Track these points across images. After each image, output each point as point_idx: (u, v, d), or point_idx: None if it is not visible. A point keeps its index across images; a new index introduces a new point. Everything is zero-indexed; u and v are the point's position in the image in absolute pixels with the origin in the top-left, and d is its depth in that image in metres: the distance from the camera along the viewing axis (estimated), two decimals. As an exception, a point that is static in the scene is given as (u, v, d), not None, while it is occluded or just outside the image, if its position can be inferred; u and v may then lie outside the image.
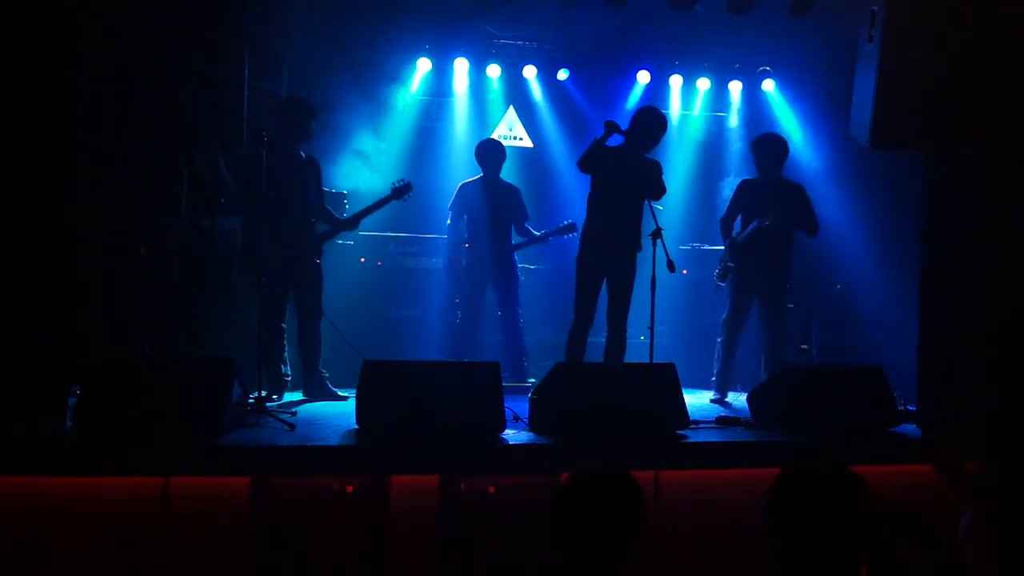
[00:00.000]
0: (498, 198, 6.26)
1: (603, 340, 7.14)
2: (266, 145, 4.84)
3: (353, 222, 5.63)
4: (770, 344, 5.80)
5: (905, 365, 5.04)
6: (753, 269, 5.73)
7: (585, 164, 5.31)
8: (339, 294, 5.91)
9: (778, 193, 5.74)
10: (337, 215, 5.81)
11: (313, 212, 5.57)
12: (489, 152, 6.28)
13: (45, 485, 3.64)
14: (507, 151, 6.43)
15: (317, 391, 5.46)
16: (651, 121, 5.34)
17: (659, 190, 5.34)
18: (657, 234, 4.98)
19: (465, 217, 6.27)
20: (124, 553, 3.64)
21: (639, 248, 5.39)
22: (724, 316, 5.90)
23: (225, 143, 5.72)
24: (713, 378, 5.97)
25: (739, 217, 5.90)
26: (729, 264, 5.79)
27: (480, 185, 6.26)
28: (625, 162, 5.28)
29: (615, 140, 5.23)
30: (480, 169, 6.29)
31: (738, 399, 5.92)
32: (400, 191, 5.65)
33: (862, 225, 6.72)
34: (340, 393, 5.46)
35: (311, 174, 5.55)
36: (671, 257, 4.94)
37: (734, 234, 5.85)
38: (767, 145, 5.85)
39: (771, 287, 5.75)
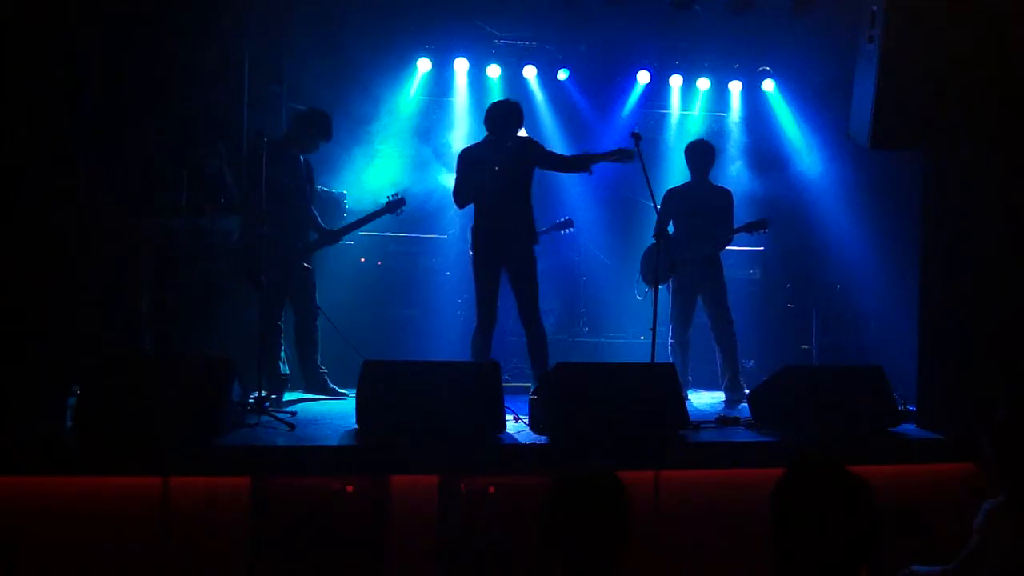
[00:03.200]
0: None
1: (603, 340, 7.21)
2: (266, 146, 4.83)
3: (338, 236, 5.63)
4: (721, 339, 5.89)
5: (905, 365, 5.04)
6: (692, 271, 5.86)
7: (461, 198, 5.28)
8: (339, 294, 5.91)
9: (703, 198, 5.95)
10: (336, 215, 5.82)
11: (309, 216, 5.60)
12: None
13: (45, 485, 3.64)
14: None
15: (317, 386, 5.48)
16: (496, 111, 5.28)
17: (553, 161, 5.35)
18: (660, 235, 4.98)
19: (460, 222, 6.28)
20: (124, 553, 3.64)
21: (535, 240, 5.32)
22: (673, 319, 5.97)
23: (226, 144, 5.73)
24: None
25: (671, 223, 6.05)
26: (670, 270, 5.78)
27: None
28: (492, 154, 5.22)
29: (479, 138, 5.33)
30: None
31: (699, 397, 5.93)
32: (394, 205, 5.68)
33: (862, 225, 6.73)
34: (340, 390, 5.49)
35: (308, 178, 5.57)
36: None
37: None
38: (695, 152, 6.02)
39: (710, 285, 5.88)
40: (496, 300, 5.29)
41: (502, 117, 5.23)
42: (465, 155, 5.29)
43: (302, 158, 5.53)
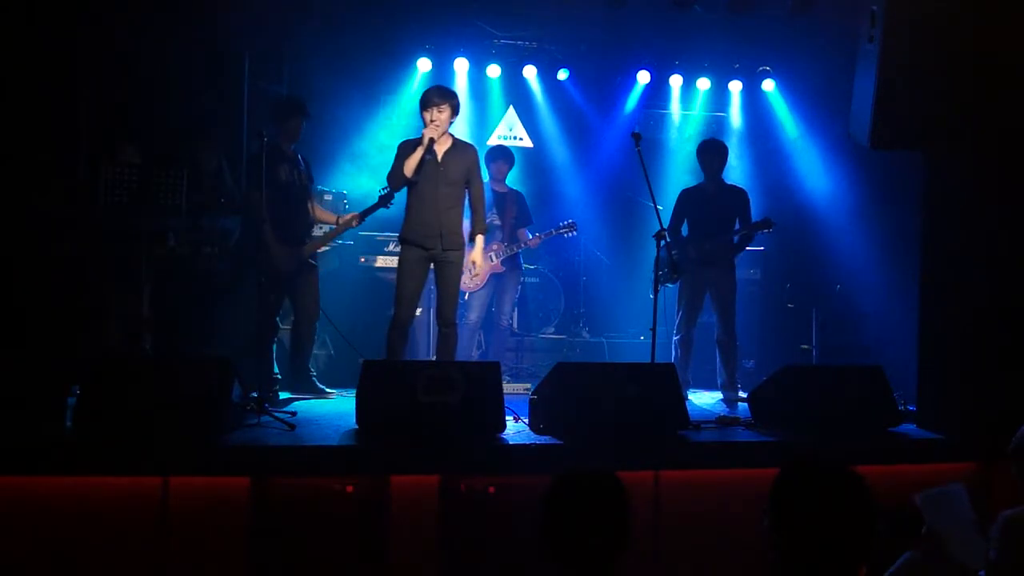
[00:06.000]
0: (505, 204, 6.30)
1: (603, 340, 7.22)
2: (266, 146, 4.87)
3: (361, 217, 5.65)
4: (723, 339, 5.90)
5: (905, 365, 5.04)
6: (704, 267, 5.86)
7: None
8: (339, 294, 5.92)
9: (716, 198, 5.97)
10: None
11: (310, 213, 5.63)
12: (499, 158, 6.33)
13: (45, 485, 3.64)
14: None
15: (305, 387, 5.55)
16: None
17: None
18: (660, 235, 4.98)
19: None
20: (124, 553, 3.64)
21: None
22: (679, 316, 5.96)
23: (227, 143, 5.75)
24: None
25: (684, 223, 6.08)
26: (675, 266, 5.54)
27: (487, 191, 6.29)
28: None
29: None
30: (488, 173, 6.33)
31: (699, 397, 5.94)
32: (385, 198, 5.53)
33: (862, 225, 6.73)
34: (327, 390, 5.58)
35: (306, 173, 5.61)
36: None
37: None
38: (706, 152, 6.03)
39: (720, 285, 5.89)
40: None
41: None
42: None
43: (300, 157, 5.56)
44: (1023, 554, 2.72)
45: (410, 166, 4.87)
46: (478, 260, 5.16)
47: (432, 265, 5.01)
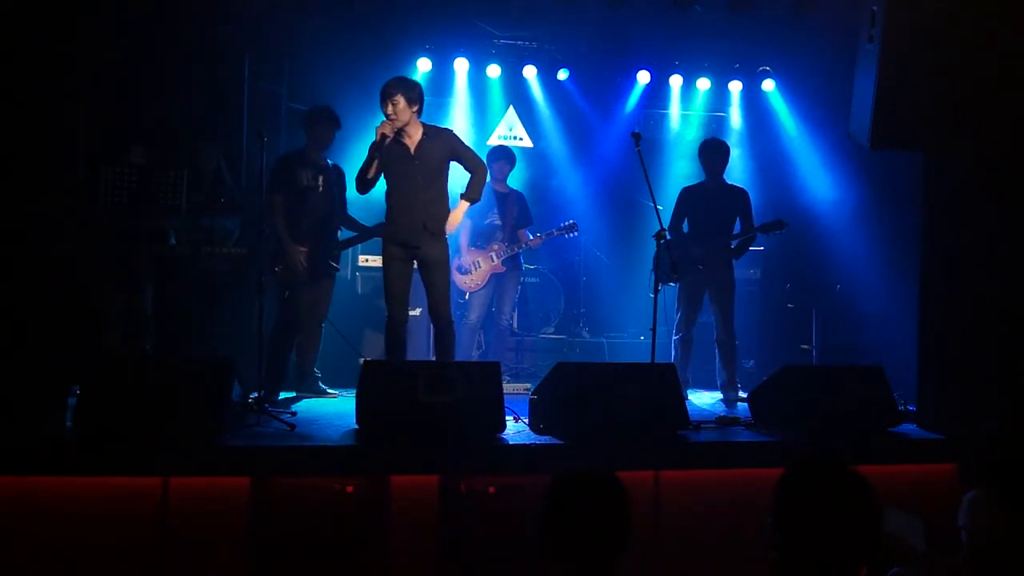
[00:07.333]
0: (506, 205, 6.30)
1: (603, 340, 7.22)
2: (276, 150, 4.91)
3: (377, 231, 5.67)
4: (723, 339, 5.91)
5: (905, 365, 5.04)
6: (703, 267, 5.87)
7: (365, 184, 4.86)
8: (339, 294, 5.92)
9: (717, 197, 5.97)
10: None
11: (338, 219, 5.68)
12: (501, 158, 6.33)
13: (45, 485, 3.64)
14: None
15: (310, 387, 5.59)
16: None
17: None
18: (660, 235, 4.98)
19: (470, 223, 6.27)
20: (124, 553, 3.64)
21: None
22: (679, 316, 5.96)
23: (226, 144, 5.76)
24: None
25: (684, 221, 6.08)
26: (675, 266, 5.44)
27: (487, 191, 6.30)
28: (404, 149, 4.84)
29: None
30: (490, 174, 6.34)
31: (699, 397, 5.95)
32: None
33: (862, 225, 6.73)
34: (330, 391, 5.63)
35: (335, 181, 5.62)
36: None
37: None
38: (708, 151, 6.03)
39: (719, 284, 5.89)
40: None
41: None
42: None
43: (330, 163, 5.61)
44: (991, 529, 2.76)
45: (368, 168, 4.78)
46: (454, 221, 4.92)
47: (416, 264, 4.93)
